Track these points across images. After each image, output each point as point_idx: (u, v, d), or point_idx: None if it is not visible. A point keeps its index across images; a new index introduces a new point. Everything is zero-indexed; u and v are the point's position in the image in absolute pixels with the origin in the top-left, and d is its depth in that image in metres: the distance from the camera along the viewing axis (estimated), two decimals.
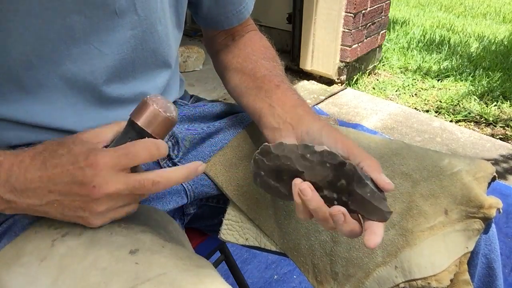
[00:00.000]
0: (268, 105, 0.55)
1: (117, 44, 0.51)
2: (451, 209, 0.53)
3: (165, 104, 0.44)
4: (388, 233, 0.54)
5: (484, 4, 4.57)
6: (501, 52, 2.84)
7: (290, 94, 0.56)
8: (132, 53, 0.53)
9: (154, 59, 0.57)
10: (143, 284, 0.39)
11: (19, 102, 0.49)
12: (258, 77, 0.60)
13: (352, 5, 2.11)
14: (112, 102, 0.55)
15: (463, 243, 0.52)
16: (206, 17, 0.67)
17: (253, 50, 0.67)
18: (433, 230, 0.53)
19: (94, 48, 0.50)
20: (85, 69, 0.50)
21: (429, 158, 0.58)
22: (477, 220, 0.52)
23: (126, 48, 0.52)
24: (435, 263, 0.51)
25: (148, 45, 0.54)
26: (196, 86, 2.31)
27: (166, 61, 0.59)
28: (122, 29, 0.51)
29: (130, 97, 0.56)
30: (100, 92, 0.53)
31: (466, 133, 1.94)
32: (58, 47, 0.47)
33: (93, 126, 0.53)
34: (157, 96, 0.44)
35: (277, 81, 0.58)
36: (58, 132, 0.52)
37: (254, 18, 0.73)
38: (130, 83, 0.55)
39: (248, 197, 0.62)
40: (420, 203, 0.54)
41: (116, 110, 0.55)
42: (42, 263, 0.43)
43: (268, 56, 0.66)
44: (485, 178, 0.55)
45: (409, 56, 2.78)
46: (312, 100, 2.21)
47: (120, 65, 0.53)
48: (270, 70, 0.61)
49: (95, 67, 0.51)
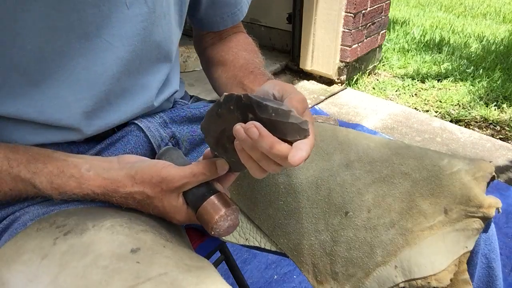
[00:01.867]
0: (241, 89, 0.59)
1: (127, 37, 0.51)
2: (450, 209, 0.53)
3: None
4: (388, 233, 0.55)
5: (484, 4, 4.57)
6: (501, 52, 2.84)
7: (260, 77, 0.59)
8: (141, 45, 0.53)
9: (157, 52, 0.57)
10: (144, 284, 0.39)
11: (27, 95, 0.49)
12: (236, 67, 0.64)
13: (352, 5, 2.11)
14: (118, 96, 0.55)
15: (462, 242, 0.52)
16: (202, 18, 0.68)
17: (236, 44, 0.70)
18: (433, 229, 0.53)
19: (105, 41, 0.50)
20: (96, 63, 0.50)
21: (428, 158, 0.58)
22: (477, 220, 0.52)
23: (136, 41, 0.52)
24: (435, 262, 0.52)
25: (154, 38, 0.55)
26: (196, 86, 2.31)
27: (168, 55, 0.60)
28: (132, 22, 0.51)
29: (132, 90, 0.56)
30: (108, 86, 0.52)
31: (466, 133, 1.94)
32: (70, 40, 0.47)
33: (98, 124, 0.53)
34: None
35: (252, 68, 0.61)
36: (65, 130, 0.52)
37: (254, 18, 0.75)
38: (134, 77, 0.55)
39: (248, 197, 0.62)
40: (420, 202, 0.55)
41: (119, 105, 0.55)
42: (43, 261, 0.43)
43: (248, 49, 0.69)
44: (484, 178, 0.55)
45: (409, 56, 2.78)
46: (312, 100, 2.21)
47: (130, 58, 0.53)
48: (248, 60, 0.65)
49: (105, 60, 0.50)
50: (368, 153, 0.60)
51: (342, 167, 0.59)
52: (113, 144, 0.58)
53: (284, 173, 0.60)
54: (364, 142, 0.62)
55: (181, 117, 0.64)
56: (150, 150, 0.60)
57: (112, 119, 0.55)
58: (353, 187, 0.57)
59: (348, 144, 0.61)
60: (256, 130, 0.38)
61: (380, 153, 0.59)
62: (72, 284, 0.40)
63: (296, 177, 0.60)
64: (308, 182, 0.59)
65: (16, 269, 0.43)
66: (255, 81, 0.60)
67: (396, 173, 0.57)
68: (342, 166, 0.59)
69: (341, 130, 0.65)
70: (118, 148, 0.58)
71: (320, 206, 0.58)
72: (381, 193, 0.56)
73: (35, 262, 0.43)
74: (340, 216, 0.57)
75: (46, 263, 0.43)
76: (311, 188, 0.59)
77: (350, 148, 0.61)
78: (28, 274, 0.42)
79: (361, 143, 0.62)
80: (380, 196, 0.56)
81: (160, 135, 0.60)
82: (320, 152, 0.61)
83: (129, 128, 0.59)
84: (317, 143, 0.62)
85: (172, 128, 0.62)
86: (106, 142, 0.57)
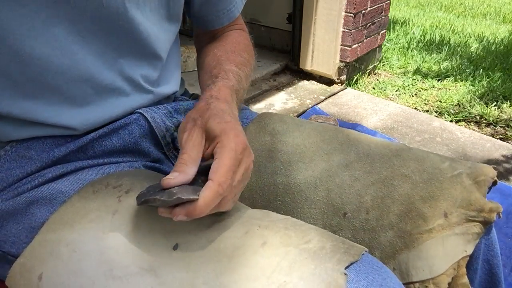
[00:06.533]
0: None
1: (103, 33, 0.51)
2: (450, 212, 0.53)
3: None
4: (386, 235, 0.54)
5: (484, 4, 4.56)
6: (501, 52, 2.84)
7: (219, 87, 0.56)
8: (118, 41, 0.53)
9: (140, 48, 0.56)
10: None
11: (13, 98, 0.49)
12: (207, 71, 0.62)
13: (352, 5, 2.11)
14: (105, 91, 0.55)
15: (462, 246, 0.52)
16: (198, 15, 0.68)
17: (222, 44, 0.68)
18: (432, 232, 0.53)
19: (81, 38, 0.50)
20: (75, 60, 0.50)
21: (429, 160, 0.57)
22: (477, 224, 0.52)
23: (111, 36, 0.52)
24: (433, 266, 0.51)
25: (133, 35, 0.54)
26: (196, 86, 2.30)
27: (155, 52, 0.59)
28: (107, 19, 0.51)
29: (121, 85, 0.56)
30: (92, 82, 0.52)
31: (466, 133, 1.94)
32: (47, 39, 0.47)
33: (90, 119, 0.54)
34: None
35: (216, 72, 0.59)
36: (56, 128, 0.53)
37: (254, 18, 0.73)
38: (118, 70, 0.55)
39: (246, 197, 0.62)
40: (420, 205, 0.54)
41: (110, 99, 0.55)
42: (115, 216, 0.45)
43: (233, 49, 0.67)
44: (485, 182, 0.54)
45: (409, 56, 2.78)
46: (312, 100, 2.21)
47: (107, 52, 0.53)
48: (221, 62, 0.62)
49: (83, 57, 0.50)
50: (368, 154, 0.59)
51: (341, 167, 0.59)
52: (116, 131, 0.58)
53: (283, 173, 0.60)
54: (364, 143, 0.62)
55: (185, 109, 0.64)
56: (154, 141, 0.60)
57: (102, 113, 0.55)
58: (352, 188, 0.57)
59: (348, 145, 0.61)
60: (166, 214, 0.42)
61: (380, 154, 0.59)
62: (161, 228, 0.43)
63: (295, 177, 0.59)
64: (306, 183, 0.59)
65: (82, 227, 0.45)
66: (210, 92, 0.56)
67: (396, 174, 0.57)
68: (341, 166, 0.59)
69: (342, 131, 0.64)
70: (123, 135, 0.58)
71: (318, 207, 0.58)
72: (380, 194, 0.56)
73: (105, 218, 0.45)
74: (339, 217, 0.57)
75: (118, 217, 0.45)
76: (310, 189, 0.58)
77: (350, 148, 0.61)
78: (100, 230, 0.44)
79: (361, 144, 0.61)
80: (379, 197, 0.56)
81: (165, 125, 0.60)
82: (319, 153, 0.61)
83: (133, 117, 0.59)
84: (317, 143, 0.62)
85: (178, 118, 0.62)
86: (109, 127, 0.57)
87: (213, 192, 0.41)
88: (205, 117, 0.47)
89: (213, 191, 0.41)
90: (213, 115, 0.47)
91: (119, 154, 0.58)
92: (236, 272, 0.40)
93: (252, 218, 0.47)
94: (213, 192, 0.41)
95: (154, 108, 0.61)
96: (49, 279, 0.43)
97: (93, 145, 0.56)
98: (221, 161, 0.42)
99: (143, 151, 0.59)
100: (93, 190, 0.49)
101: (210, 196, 0.41)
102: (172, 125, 0.61)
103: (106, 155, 0.57)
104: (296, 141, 0.62)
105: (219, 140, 0.44)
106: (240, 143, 0.45)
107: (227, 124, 0.46)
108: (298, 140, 0.63)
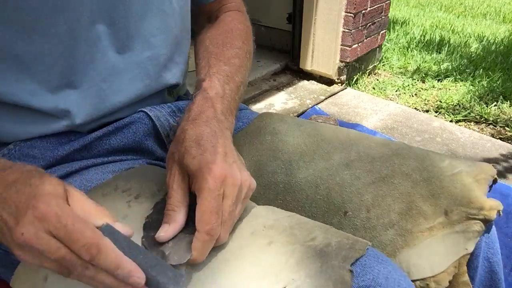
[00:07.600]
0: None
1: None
2: (451, 210, 0.53)
3: None
4: (387, 233, 0.54)
5: (484, 4, 4.56)
6: (501, 52, 2.84)
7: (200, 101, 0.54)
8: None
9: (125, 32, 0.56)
10: None
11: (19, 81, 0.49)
12: (200, 76, 0.62)
13: (352, 5, 2.11)
14: (80, 73, 0.52)
15: (462, 244, 0.52)
16: None
17: (215, 35, 0.66)
18: (433, 230, 0.53)
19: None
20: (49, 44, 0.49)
21: (429, 159, 0.58)
22: (477, 222, 0.52)
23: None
24: (434, 264, 0.51)
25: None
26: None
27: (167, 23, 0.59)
28: None
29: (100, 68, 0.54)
30: (67, 63, 0.51)
31: (466, 133, 1.94)
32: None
33: (67, 103, 0.52)
34: None
35: (203, 75, 0.59)
36: (39, 114, 0.52)
37: (254, 18, 0.73)
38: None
39: None
40: (420, 203, 0.54)
41: (88, 83, 0.53)
42: (125, 219, 0.46)
43: (225, 41, 0.65)
44: (485, 180, 0.54)
45: (409, 56, 2.78)
46: (312, 100, 2.21)
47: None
48: (210, 63, 0.61)
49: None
50: (369, 153, 0.60)
51: (342, 166, 0.59)
52: (120, 130, 0.57)
53: (283, 172, 0.60)
54: (365, 142, 0.62)
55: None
56: (158, 139, 0.60)
57: (79, 97, 0.53)
58: (352, 186, 0.57)
59: (349, 144, 0.61)
60: None
61: (380, 153, 0.59)
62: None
63: (296, 176, 0.60)
64: (307, 181, 0.59)
65: None
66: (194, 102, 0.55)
67: (397, 173, 0.57)
68: (342, 165, 0.59)
69: (342, 130, 0.65)
70: (127, 134, 0.58)
71: (319, 206, 0.58)
72: (380, 193, 0.56)
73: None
74: (339, 216, 0.57)
75: (129, 220, 0.46)
76: (311, 187, 0.59)
77: (350, 147, 0.61)
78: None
79: (362, 143, 0.61)
80: (380, 196, 0.56)
81: (169, 124, 0.61)
82: (320, 152, 0.61)
83: (137, 115, 0.59)
84: (318, 142, 0.62)
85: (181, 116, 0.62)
86: (113, 126, 0.57)
87: (203, 242, 0.41)
88: (181, 151, 0.45)
89: (202, 241, 0.41)
90: (188, 148, 0.45)
91: (123, 152, 0.58)
92: (244, 271, 0.41)
93: (257, 217, 0.47)
94: (202, 242, 0.41)
95: (157, 107, 0.61)
96: (54, 280, 0.43)
97: (97, 144, 0.56)
98: (202, 207, 0.42)
99: (147, 149, 0.59)
100: (102, 193, 0.49)
101: (202, 247, 0.41)
102: (176, 124, 0.61)
103: (110, 153, 0.57)
104: (297, 141, 0.63)
105: (195, 180, 0.43)
106: (217, 177, 0.42)
107: (202, 157, 0.44)
108: (299, 139, 0.63)
